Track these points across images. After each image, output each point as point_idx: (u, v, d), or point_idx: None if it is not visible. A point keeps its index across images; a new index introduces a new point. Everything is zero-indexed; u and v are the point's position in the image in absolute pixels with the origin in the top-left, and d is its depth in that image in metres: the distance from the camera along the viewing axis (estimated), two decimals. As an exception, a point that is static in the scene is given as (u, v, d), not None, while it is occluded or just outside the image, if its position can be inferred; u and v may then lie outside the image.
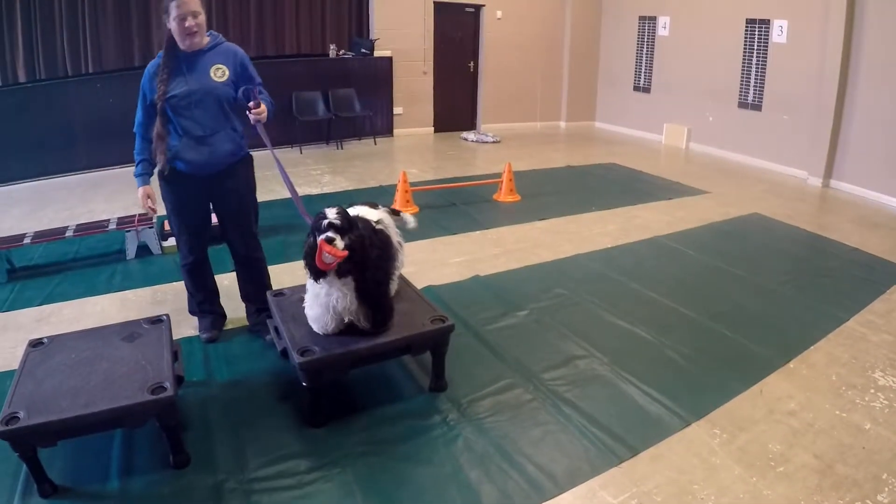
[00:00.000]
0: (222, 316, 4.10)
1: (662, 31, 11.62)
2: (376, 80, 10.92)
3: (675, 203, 7.35)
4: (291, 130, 10.01)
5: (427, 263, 5.24)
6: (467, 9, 11.83)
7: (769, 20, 9.58)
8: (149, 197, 3.54)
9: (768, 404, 3.39)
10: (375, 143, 10.64)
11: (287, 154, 9.62)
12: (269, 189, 7.24)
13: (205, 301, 3.97)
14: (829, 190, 8.65)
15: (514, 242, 5.82)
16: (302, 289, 3.31)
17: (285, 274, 4.84)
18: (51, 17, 8.24)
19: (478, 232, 6.05)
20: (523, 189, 7.51)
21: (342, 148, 10.27)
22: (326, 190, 7.67)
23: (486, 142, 10.83)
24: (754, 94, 9.98)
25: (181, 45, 3.37)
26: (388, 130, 11.19)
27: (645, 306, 4.59)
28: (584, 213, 6.82)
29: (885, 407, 3.39)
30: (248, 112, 3.44)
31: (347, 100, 10.57)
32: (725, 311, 4.54)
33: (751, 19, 9.87)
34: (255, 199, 3.90)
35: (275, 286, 3.88)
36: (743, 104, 10.21)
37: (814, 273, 5.37)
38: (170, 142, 3.42)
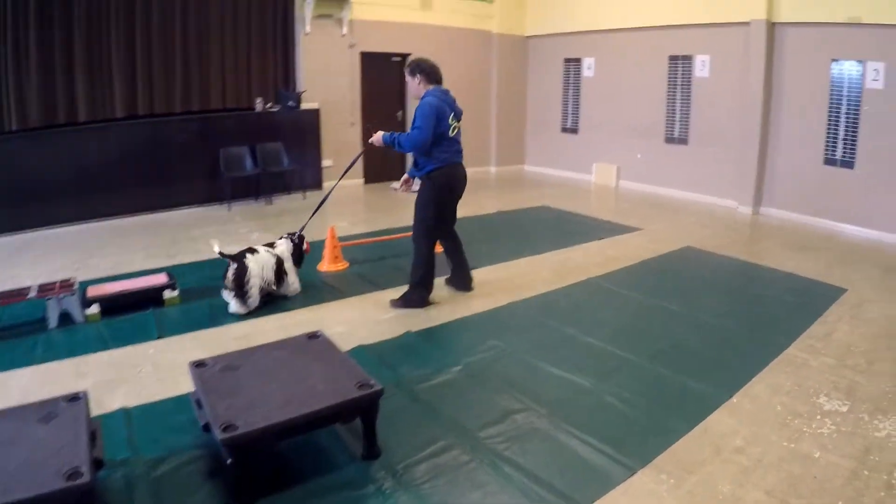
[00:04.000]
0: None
1: (588, 72, 11.79)
2: (304, 132, 10.76)
3: (607, 242, 7.38)
4: (219, 187, 9.75)
5: (357, 322, 5.05)
6: (394, 58, 11.79)
7: (691, 55, 9.79)
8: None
9: (714, 443, 3.31)
10: (304, 198, 10.40)
11: (215, 211, 9.39)
12: (194, 249, 7.00)
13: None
14: (760, 217, 8.84)
15: (446, 296, 5.66)
16: (226, 357, 3.41)
17: (213, 341, 4.58)
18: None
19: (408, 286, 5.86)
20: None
21: (272, 203, 10.03)
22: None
23: (416, 191, 10.66)
24: (680, 128, 10.19)
25: None
26: (317, 184, 11.00)
27: (582, 352, 4.49)
28: (517, 259, 6.74)
29: (832, 432, 3.36)
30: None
31: (275, 154, 10.36)
32: (664, 349, 4.48)
33: (673, 56, 10.09)
34: (424, 212, 5.28)
35: (200, 354, 3.62)
36: (670, 139, 10.42)
37: (751, 302, 5.39)
38: None
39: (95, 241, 7.66)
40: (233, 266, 5.13)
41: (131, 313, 5.11)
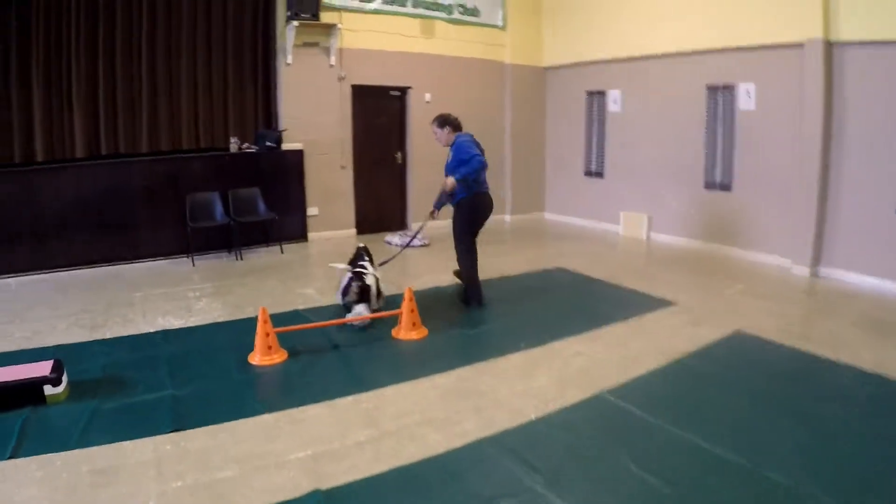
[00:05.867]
0: None
1: (613, 106, 10.38)
2: (285, 176, 9.44)
3: (631, 326, 5.74)
4: (185, 238, 8.49)
5: (253, 462, 3.49)
6: (392, 92, 10.43)
7: (734, 85, 8.37)
8: None
9: None
10: (282, 252, 8.99)
11: (177, 266, 8.27)
12: (126, 319, 5.99)
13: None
14: (820, 280, 7.38)
15: (396, 417, 4.04)
16: None
17: (70, 467, 3.38)
18: None
19: (350, 398, 4.32)
20: (435, 317, 5.92)
21: (242, 258, 8.62)
22: (191, 322, 6.05)
23: (414, 245, 9.24)
24: (722, 171, 8.77)
25: None
26: (301, 234, 9.59)
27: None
28: (506, 355, 5.08)
29: None
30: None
31: (250, 201, 9.02)
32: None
33: (712, 86, 8.69)
34: (461, 233, 6.28)
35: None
36: (710, 184, 9.00)
37: (835, 436, 3.71)
38: None
39: (29, 299, 6.82)
40: (357, 282, 5.84)
41: (3, 412, 4.04)
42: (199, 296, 6.93)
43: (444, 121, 6.29)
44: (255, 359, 4.94)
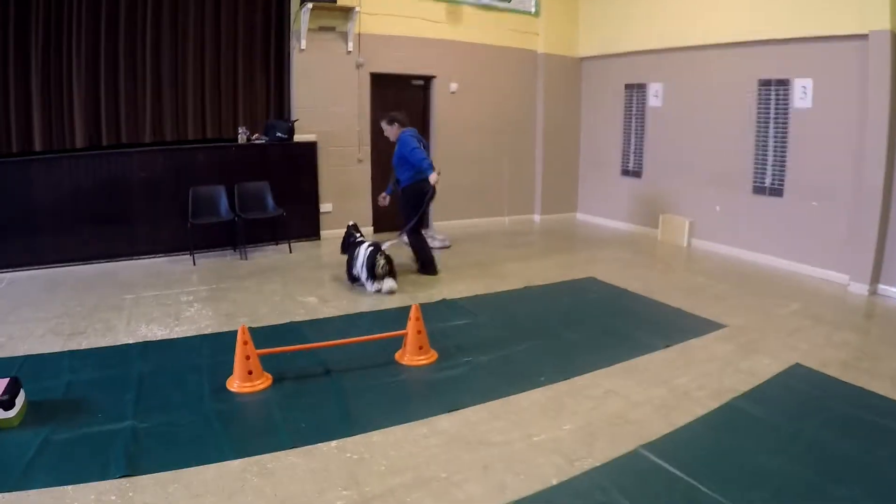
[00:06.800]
0: None
1: (654, 100, 9.58)
2: (297, 170, 8.78)
3: (673, 356, 4.95)
4: (186, 234, 7.88)
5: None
6: (414, 82, 9.70)
7: (788, 80, 7.56)
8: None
9: None
10: (290, 251, 8.32)
11: (177, 264, 7.74)
12: (108, 326, 5.35)
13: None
14: (879, 299, 6.58)
15: (385, 474, 3.26)
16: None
17: None
18: None
19: (334, 444, 3.59)
20: (446, 337, 5.18)
21: (246, 257, 7.99)
22: (175, 332, 5.43)
23: (433, 247, 8.53)
24: (773, 175, 7.96)
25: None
26: (313, 232, 8.92)
27: None
28: (525, 392, 4.30)
29: None
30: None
31: (258, 196, 8.40)
32: None
33: (765, 80, 7.88)
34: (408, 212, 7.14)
35: None
36: (759, 189, 8.18)
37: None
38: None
39: (15, 297, 6.40)
40: (383, 258, 6.47)
41: None
42: (191, 300, 6.32)
43: (393, 119, 7.15)
44: (234, 385, 4.27)
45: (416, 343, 4.71)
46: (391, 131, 7.19)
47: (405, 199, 7.19)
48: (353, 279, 6.72)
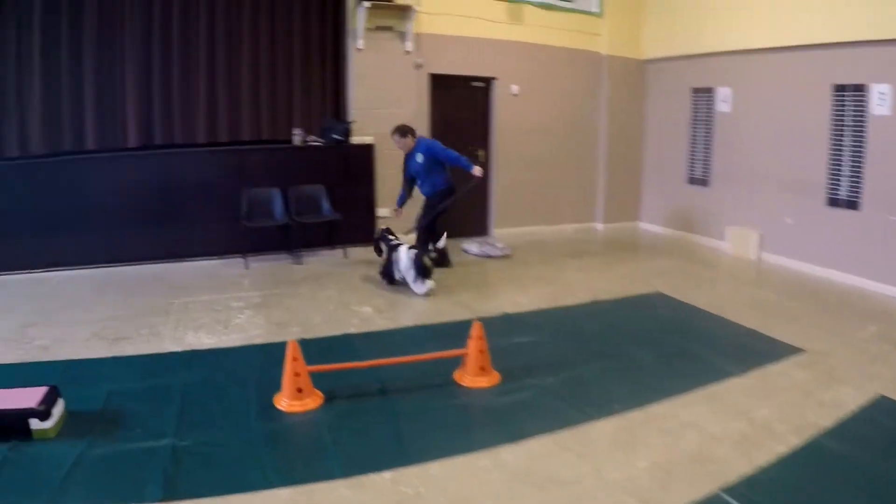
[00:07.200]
0: None
1: (723, 106, 9.10)
2: (353, 173, 8.58)
3: (751, 383, 4.55)
4: (239, 237, 7.75)
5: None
6: (474, 83, 9.40)
7: (865, 85, 7.06)
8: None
9: None
10: (346, 256, 8.09)
11: (229, 268, 7.63)
12: (154, 332, 5.00)
13: None
14: None
15: None
16: None
17: None
18: None
19: (387, 475, 3.30)
20: (507, 357, 4.79)
21: (301, 262, 7.78)
22: (223, 341, 5.23)
23: (493, 255, 8.22)
24: (850, 186, 7.43)
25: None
26: (368, 237, 8.61)
27: None
28: (595, 420, 3.94)
29: None
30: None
31: (313, 199, 8.24)
32: None
33: (840, 85, 7.41)
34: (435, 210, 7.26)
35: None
36: (833, 200, 7.68)
37: None
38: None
39: (64, 297, 6.40)
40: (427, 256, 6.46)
41: None
42: (242, 307, 6.13)
43: (406, 130, 7.17)
44: (282, 403, 4.00)
45: (478, 363, 4.38)
46: (405, 143, 7.20)
47: (440, 199, 7.30)
48: (391, 280, 6.73)
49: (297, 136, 8.33)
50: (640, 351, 5.13)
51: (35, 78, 7.16)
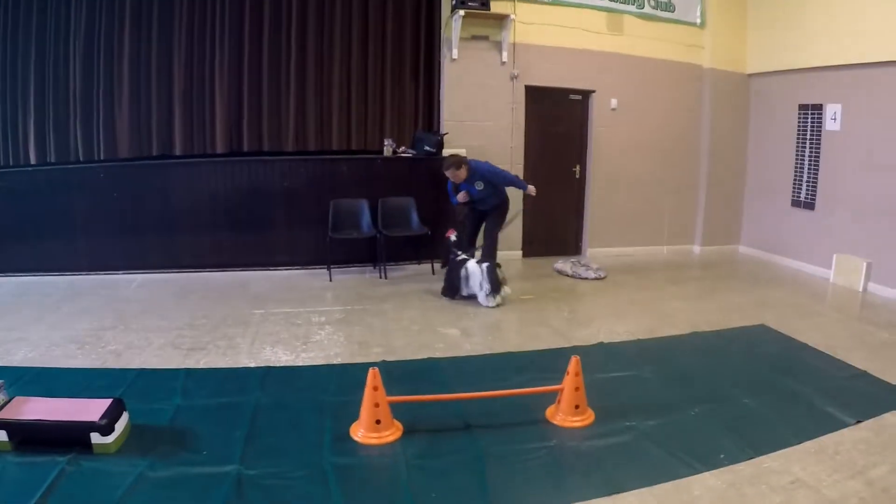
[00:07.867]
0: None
1: (832, 124, 8.46)
2: (444, 187, 8.18)
3: (867, 434, 4.04)
4: (324, 247, 7.68)
5: None
6: (572, 96, 9.04)
7: None
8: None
9: None
10: (433, 273, 7.86)
11: (314, 279, 7.59)
12: (231, 345, 4.90)
13: None
14: None
15: None
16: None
17: None
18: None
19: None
20: (603, 393, 4.42)
21: (386, 276, 7.60)
22: (301, 359, 5.08)
23: (587, 277, 7.81)
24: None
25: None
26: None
27: None
28: (699, 474, 3.49)
29: None
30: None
31: (403, 212, 8.08)
32: None
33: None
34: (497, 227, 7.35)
35: None
36: None
37: None
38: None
39: (144, 301, 6.50)
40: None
41: (46, 454, 3.42)
42: (323, 322, 5.98)
43: (461, 162, 6.97)
44: (359, 433, 3.74)
45: (573, 401, 4.01)
46: (460, 174, 6.99)
47: (500, 214, 7.37)
48: (455, 294, 6.79)
49: (388, 147, 8.17)
50: (746, 392, 4.65)
51: (125, 83, 7.31)
